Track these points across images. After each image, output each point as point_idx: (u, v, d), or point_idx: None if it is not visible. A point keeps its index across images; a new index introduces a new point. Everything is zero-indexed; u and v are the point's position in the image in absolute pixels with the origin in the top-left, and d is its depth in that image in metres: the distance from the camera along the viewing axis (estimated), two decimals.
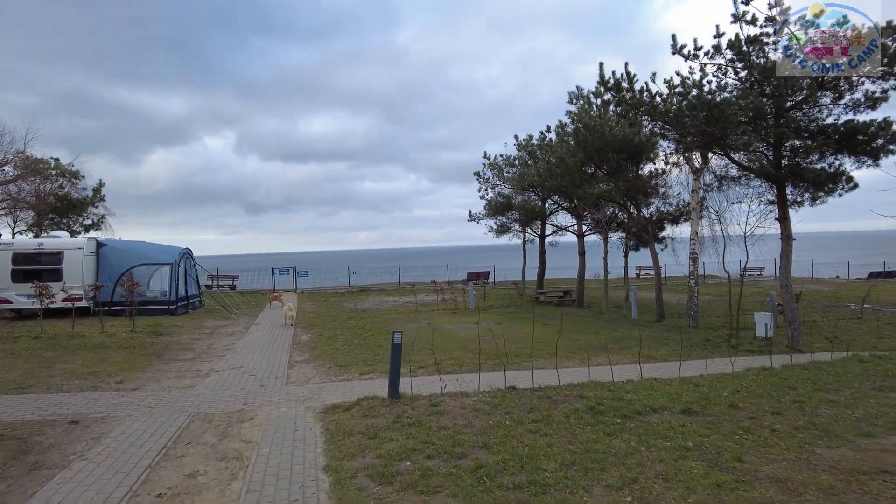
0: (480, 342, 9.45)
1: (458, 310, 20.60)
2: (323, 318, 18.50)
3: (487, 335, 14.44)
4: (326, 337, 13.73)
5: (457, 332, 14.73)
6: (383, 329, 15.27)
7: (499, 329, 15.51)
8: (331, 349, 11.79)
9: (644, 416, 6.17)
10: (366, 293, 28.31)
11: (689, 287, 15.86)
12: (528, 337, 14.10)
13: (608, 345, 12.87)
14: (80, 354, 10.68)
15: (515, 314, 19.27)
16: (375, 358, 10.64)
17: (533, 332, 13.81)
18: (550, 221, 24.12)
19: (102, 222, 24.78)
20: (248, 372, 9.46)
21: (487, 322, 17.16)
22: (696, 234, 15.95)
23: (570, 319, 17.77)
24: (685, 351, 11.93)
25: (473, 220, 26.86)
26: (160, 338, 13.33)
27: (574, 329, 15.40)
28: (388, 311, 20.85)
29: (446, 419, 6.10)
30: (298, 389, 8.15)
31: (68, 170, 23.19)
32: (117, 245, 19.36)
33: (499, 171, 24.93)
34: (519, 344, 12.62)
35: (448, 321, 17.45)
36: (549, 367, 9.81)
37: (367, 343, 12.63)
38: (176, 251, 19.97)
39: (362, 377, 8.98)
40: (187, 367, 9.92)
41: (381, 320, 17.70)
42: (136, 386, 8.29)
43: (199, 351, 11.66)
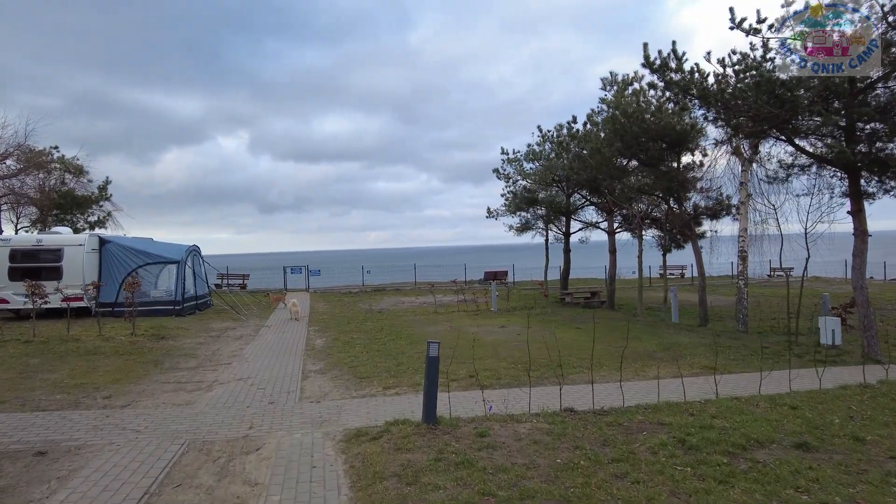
0: (530, 351, 8.18)
1: (480, 311, 19.35)
2: (337, 319, 17.34)
3: (517, 340, 13.18)
4: (342, 342, 12.54)
5: (483, 337, 13.47)
6: (403, 333, 14.06)
7: (528, 333, 14.24)
8: (348, 357, 10.59)
9: (751, 453, 4.87)
10: (381, 293, 27.14)
11: (738, 288, 14.47)
12: (564, 342, 12.81)
13: (656, 352, 11.55)
14: (69, 362, 9.56)
15: (542, 316, 17.96)
16: (399, 368, 9.41)
17: (575, 338, 12.54)
18: (578, 218, 22.75)
19: (108, 219, 23.82)
20: (257, 384, 8.28)
21: (514, 325, 15.89)
22: (745, 230, 14.56)
23: (603, 323, 16.44)
24: (744, 360, 10.59)
25: (492, 217, 25.55)
26: (162, 342, 12.21)
27: (612, 334, 14.07)
28: (406, 312, 19.65)
29: (501, 456, 4.85)
30: (314, 408, 6.94)
31: (73, 164, 22.24)
32: (122, 242, 18.32)
33: (519, 166, 23.62)
34: (553, 351, 11.33)
35: (471, 324, 16.21)
36: (600, 380, 8.53)
37: (387, 349, 11.42)
38: (182, 249, 18.90)
39: (387, 392, 7.76)
40: (188, 377, 8.75)
41: (398, 322, 16.49)
42: (125, 402, 7.12)
43: (203, 358, 10.50)
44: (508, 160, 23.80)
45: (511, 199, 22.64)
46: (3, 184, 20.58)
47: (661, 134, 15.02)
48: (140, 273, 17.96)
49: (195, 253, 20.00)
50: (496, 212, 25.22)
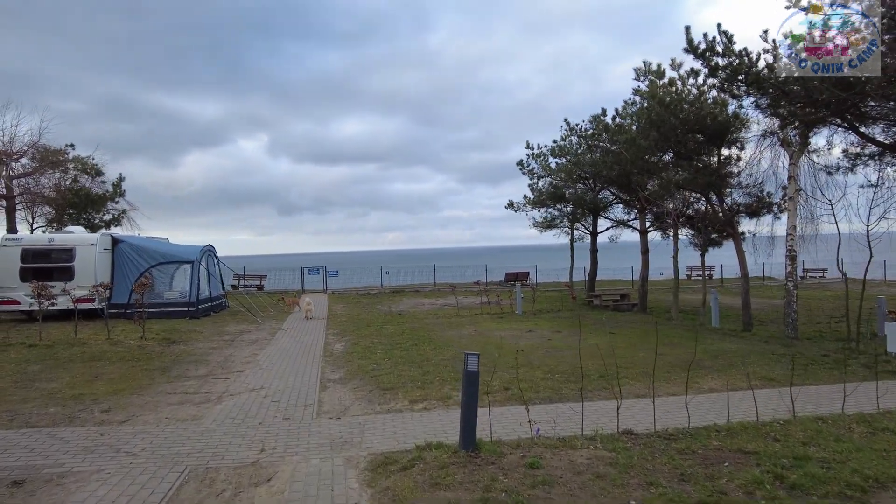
0: (569, 358, 7.29)
1: (505, 314, 18.46)
2: (356, 322, 16.60)
3: (548, 346, 12.28)
4: (362, 347, 11.77)
5: (511, 342, 12.59)
6: (426, 337, 13.25)
7: (559, 338, 13.34)
8: (369, 364, 9.80)
9: (873, 496, 3.95)
10: (400, 294, 26.39)
11: (787, 291, 13.38)
12: (599, 349, 11.87)
13: (703, 360, 10.56)
14: (71, 369, 8.90)
15: (571, 320, 17.01)
16: (425, 378, 8.58)
17: (612, 344, 11.56)
18: (606, 215, 21.74)
19: (123, 217, 23.40)
20: (271, 396, 7.52)
21: (542, 329, 14.99)
22: (794, 227, 13.46)
23: (638, 327, 15.45)
24: (806, 371, 9.56)
25: (513, 209, 24.56)
26: (172, 346, 11.55)
27: (649, 339, 13.08)
28: (426, 314, 18.84)
29: (561, 496, 3.99)
30: (334, 426, 6.15)
31: (89, 164, 21.86)
32: (135, 242, 17.81)
33: (544, 161, 22.68)
34: (594, 359, 10.41)
35: (496, 327, 15.34)
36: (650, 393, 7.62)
37: (410, 356, 10.60)
38: (197, 249, 18.34)
39: (414, 407, 6.94)
40: (196, 387, 8.03)
41: (420, 325, 15.68)
42: (125, 417, 6.40)
43: (215, 364, 9.80)
44: (533, 155, 22.89)
45: (536, 194, 21.68)
46: (17, 183, 20.24)
47: (700, 125, 14.01)
48: (153, 273, 17.42)
49: (210, 253, 19.43)
50: (518, 205, 24.27)
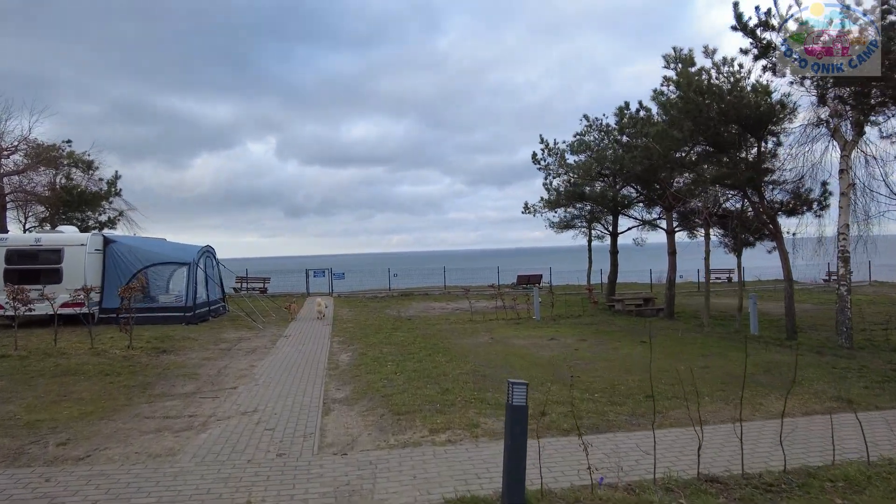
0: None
1: (521, 320, 17.26)
2: (364, 328, 15.45)
3: (576, 357, 11.07)
4: (371, 357, 10.61)
5: (534, 353, 11.40)
6: (439, 346, 12.08)
7: (586, 348, 12.13)
8: (379, 379, 8.63)
9: None
10: (408, 298, 25.22)
11: (840, 296, 12.11)
12: (636, 361, 10.65)
13: (755, 375, 9.32)
14: (37, 386, 7.78)
15: (595, 327, 15.80)
16: (444, 397, 7.41)
17: (646, 354, 10.33)
18: (630, 215, 20.49)
19: (120, 218, 22.34)
20: (265, 421, 6.37)
21: (564, 336, 13.78)
22: (847, 225, 12.20)
23: (669, 335, 14.21)
24: (883, 388, 8.28)
25: (529, 213, 23.39)
26: (162, 357, 10.44)
27: (686, 349, 11.86)
28: (438, 319, 17.67)
29: None
30: (339, 465, 4.98)
31: (81, 159, 20.82)
32: (128, 242, 16.76)
33: (561, 158, 21.48)
34: (632, 374, 9.20)
35: (514, 335, 14.14)
36: (711, 417, 6.43)
37: (425, 369, 9.43)
38: (195, 249, 17.26)
39: (436, 438, 5.75)
40: (179, 409, 6.89)
41: (432, 332, 14.51)
42: (84, 451, 5.26)
43: (205, 379, 8.66)
44: (548, 150, 21.69)
45: (554, 193, 20.46)
46: (8, 181, 19.25)
47: (740, 114, 12.76)
48: (148, 276, 16.37)
49: (209, 254, 18.36)
50: (534, 208, 23.09)
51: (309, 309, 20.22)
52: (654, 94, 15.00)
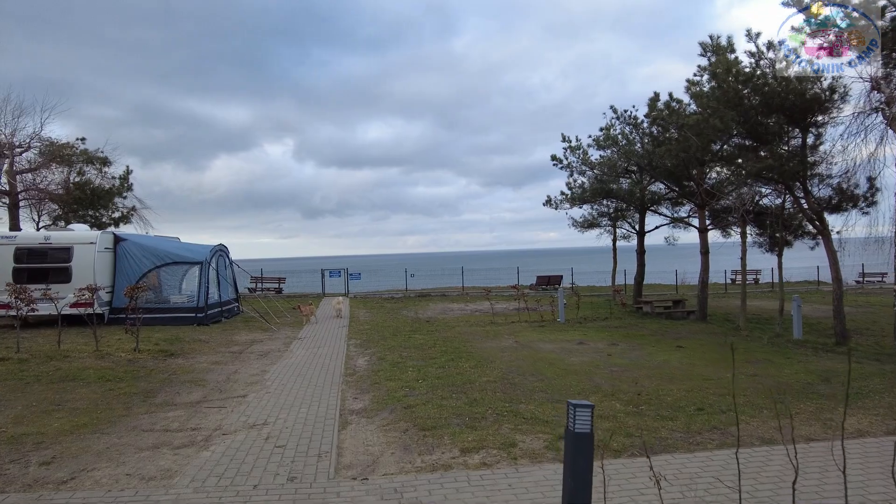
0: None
1: (546, 322, 16.47)
2: (381, 330, 14.79)
3: (609, 363, 10.26)
4: (390, 363, 9.93)
5: (564, 358, 10.61)
6: (462, 350, 11.36)
7: (619, 353, 11.31)
8: (400, 387, 7.93)
9: None
10: (426, 299, 24.55)
11: None
12: (671, 368, 9.82)
13: (814, 385, 8.46)
14: (31, 392, 7.21)
15: (624, 330, 14.95)
16: (474, 411, 6.68)
17: (686, 361, 9.50)
18: (660, 211, 19.55)
19: (132, 214, 21.90)
20: (274, 436, 5.70)
21: (593, 340, 12.98)
22: None
23: (705, 339, 13.34)
24: None
25: (550, 206, 22.48)
26: (169, 361, 9.86)
27: (727, 356, 10.99)
28: (457, 321, 16.96)
29: None
30: (359, 493, 4.28)
31: (95, 155, 20.45)
32: (139, 240, 16.29)
33: (583, 155, 20.63)
34: (676, 383, 8.38)
35: (540, 338, 13.37)
36: (776, 436, 5.60)
37: (449, 376, 8.72)
38: (206, 249, 16.74)
39: (468, 460, 5.03)
40: (182, 421, 6.26)
41: (452, 335, 13.80)
42: (69, 473, 4.63)
43: (213, 386, 8.04)
44: (571, 148, 20.86)
45: (579, 190, 19.60)
46: (21, 179, 18.94)
47: (783, 102, 11.86)
48: (160, 275, 15.90)
49: (222, 253, 17.85)
50: (556, 201, 22.19)
51: (324, 310, 19.65)
52: (688, 84, 14.13)
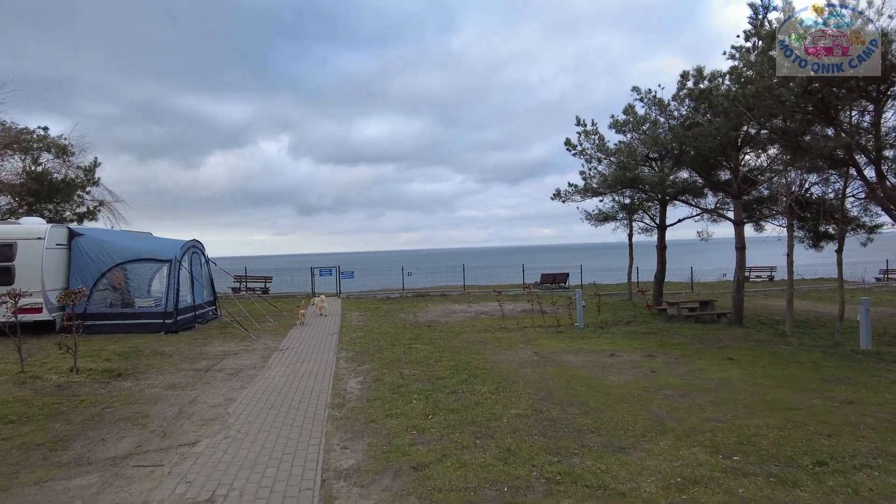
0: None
1: (562, 327, 14.57)
2: (376, 338, 12.80)
3: (659, 385, 8.22)
4: (389, 385, 7.95)
5: (600, 377, 8.66)
6: (475, 366, 9.40)
7: (663, 368, 9.33)
8: (404, 428, 5.96)
9: None
10: (424, 300, 22.59)
11: None
12: (736, 390, 7.56)
13: None
14: None
15: (655, 337, 13.06)
16: (511, 472, 4.71)
17: (749, 379, 7.45)
18: (690, 203, 17.65)
19: (99, 210, 19.71)
20: None
21: (623, 350, 11.06)
22: None
23: (755, 349, 11.46)
24: None
25: (559, 199, 20.58)
26: (112, 385, 7.86)
27: (797, 373, 9.10)
28: (462, 326, 15.02)
29: None
30: None
31: (56, 143, 18.24)
32: (99, 236, 14.20)
33: (599, 140, 18.71)
34: (752, 415, 6.43)
35: (562, 348, 11.46)
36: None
37: (465, 406, 6.77)
38: (177, 245, 14.69)
39: None
40: (93, 491, 4.27)
41: (459, 344, 11.86)
42: None
43: (156, 426, 6.04)
44: (585, 133, 18.93)
45: (600, 177, 17.65)
46: None
47: None
48: (128, 275, 13.88)
49: (196, 250, 15.80)
50: (566, 193, 20.29)
51: (311, 312, 17.68)
52: (736, 53, 12.21)
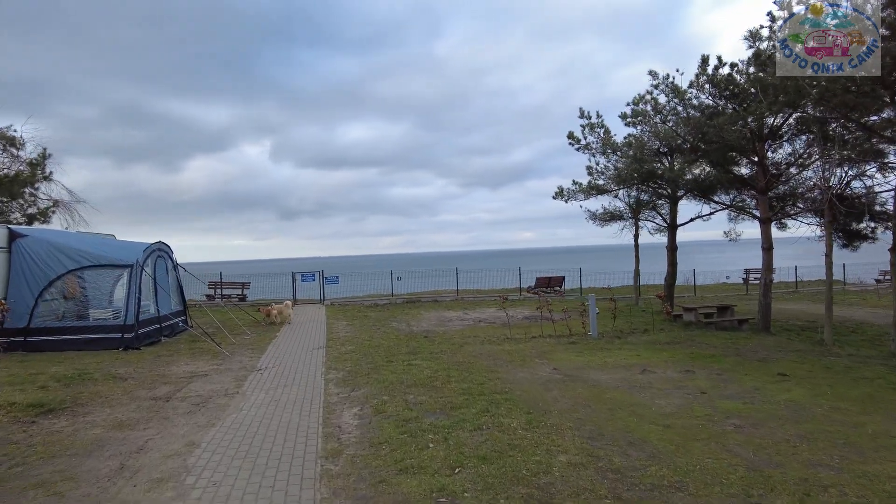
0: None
1: (575, 336, 13.13)
2: (369, 353, 11.15)
3: (721, 413, 6.70)
4: (394, 420, 6.36)
5: (646, 403, 7.18)
6: (494, 390, 7.85)
7: (712, 389, 7.86)
8: (429, 491, 4.36)
9: None
10: (416, 306, 20.99)
11: None
12: (818, 420, 5.89)
13: None
14: None
15: (681, 348, 11.69)
16: None
17: (817, 404, 6.05)
18: (714, 199, 16.35)
19: (53, 211, 17.59)
20: None
21: (658, 367, 9.61)
22: None
23: (802, 361, 10.13)
24: None
25: (561, 198, 19.30)
26: (36, 426, 6.13)
27: (870, 393, 7.76)
28: (465, 337, 13.48)
29: None
30: None
31: (3, 134, 16.18)
32: (47, 237, 12.32)
33: (605, 134, 17.42)
34: (861, 458, 5.03)
35: (583, 363, 10.00)
36: None
37: (499, 452, 5.22)
38: (139, 248, 12.88)
39: None
40: None
41: (466, 359, 10.31)
42: None
43: (80, 496, 4.38)
44: (590, 126, 17.62)
45: (613, 172, 16.29)
46: None
47: None
48: (85, 284, 12.08)
49: (162, 254, 13.99)
50: (568, 192, 18.98)
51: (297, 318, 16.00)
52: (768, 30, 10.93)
